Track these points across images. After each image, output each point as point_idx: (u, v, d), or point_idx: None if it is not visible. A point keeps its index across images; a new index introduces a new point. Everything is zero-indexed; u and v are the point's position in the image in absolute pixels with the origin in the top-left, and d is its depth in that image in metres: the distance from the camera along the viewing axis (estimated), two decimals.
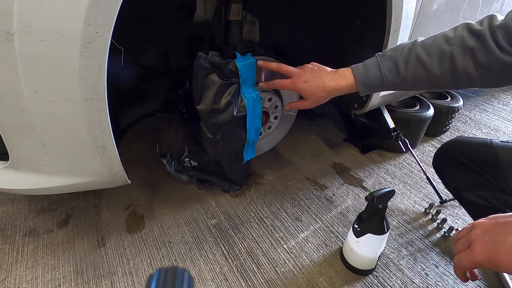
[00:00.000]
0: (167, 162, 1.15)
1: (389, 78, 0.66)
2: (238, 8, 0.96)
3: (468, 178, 0.75)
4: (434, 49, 0.62)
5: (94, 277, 0.84)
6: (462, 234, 0.47)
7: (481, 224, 0.44)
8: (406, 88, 0.69)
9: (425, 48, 0.63)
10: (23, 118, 0.59)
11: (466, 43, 0.58)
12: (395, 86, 0.67)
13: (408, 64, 0.64)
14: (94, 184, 0.76)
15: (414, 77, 0.64)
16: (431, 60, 0.61)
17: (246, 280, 0.85)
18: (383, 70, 0.66)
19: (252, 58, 0.89)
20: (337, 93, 0.73)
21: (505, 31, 0.55)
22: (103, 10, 0.52)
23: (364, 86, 0.70)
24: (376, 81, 0.68)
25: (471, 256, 0.43)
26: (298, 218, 1.05)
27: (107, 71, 0.58)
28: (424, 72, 0.63)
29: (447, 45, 0.60)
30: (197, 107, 0.85)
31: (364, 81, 0.69)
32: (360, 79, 0.69)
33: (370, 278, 0.87)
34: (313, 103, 0.76)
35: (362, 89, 0.70)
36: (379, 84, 0.68)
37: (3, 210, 1.03)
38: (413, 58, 0.63)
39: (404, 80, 0.65)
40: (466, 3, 1.12)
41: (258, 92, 0.94)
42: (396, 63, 0.65)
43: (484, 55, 0.56)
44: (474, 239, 0.43)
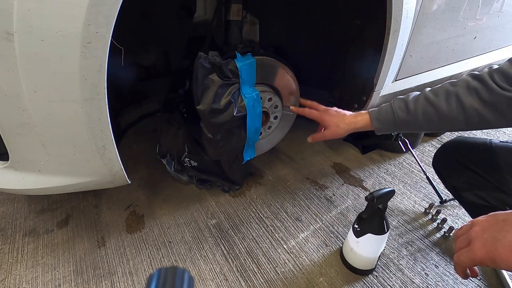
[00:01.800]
0: (167, 162, 1.15)
1: (400, 115, 0.72)
2: (238, 8, 0.96)
3: (467, 178, 0.75)
4: (440, 90, 0.69)
5: (94, 277, 0.84)
6: (462, 231, 0.47)
7: (481, 222, 0.45)
8: (418, 126, 0.73)
9: (432, 90, 0.70)
10: (23, 118, 0.59)
11: (470, 84, 0.65)
12: (407, 123, 0.73)
13: (417, 103, 0.71)
14: (94, 184, 0.76)
15: (423, 114, 0.69)
16: (438, 99, 0.68)
17: (246, 280, 0.85)
18: (394, 108, 0.74)
19: (252, 58, 0.89)
20: (354, 126, 0.81)
21: (501, 73, 0.62)
22: (103, 10, 0.52)
23: (377, 121, 0.77)
24: (388, 117, 0.75)
25: (470, 253, 0.43)
26: (298, 218, 1.05)
27: (107, 71, 0.58)
28: (432, 110, 0.68)
29: (452, 87, 0.67)
30: (197, 107, 0.85)
31: (377, 117, 0.77)
32: (374, 116, 0.78)
33: (370, 278, 0.87)
34: (332, 132, 0.84)
35: (375, 125, 0.77)
36: (392, 121, 0.74)
37: (3, 210, 1.03)
38: (421, 98, 0.70)
39: (414, 117, 0.71)
40: (466, 3, 1.12)
41: (258, 92, 0.94)
42: (406, 103, 0.72)
43: (487, 93, 0.62)
44: (474, 237, 0.44)
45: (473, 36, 1.29)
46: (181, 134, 1.09)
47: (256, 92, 0.93)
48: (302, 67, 1.18)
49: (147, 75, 1.25)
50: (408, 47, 1.03)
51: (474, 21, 1.23)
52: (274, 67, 1.01)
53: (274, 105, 1.06)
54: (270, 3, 1.19)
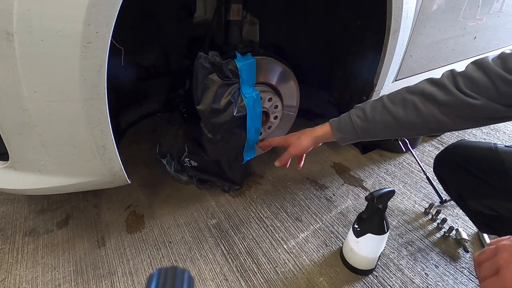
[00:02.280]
0: (167, 162, 1.15)
1: (359, 123, 0.70)
2: (238, 8, 0.96)
3: (473, 185, 0.72)
4: (397, 97, 0.65)
5: (94, 277, 0.84)
6: (486, 256, 0.43)
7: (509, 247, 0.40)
8: (380, 134, 0.70)
9: (389, 98, 0.67)
10: (23, 118, 0.59)
11: (425, 90, 0.61)
12: (368, 132, 0.70)
13: (375, 110, 0.68)
14: (94, 184, 0.76)
15: (382, 122, 0.67)
16: (395, 107, 0.65)
17: (246, 280, 0.85)
18: (352, 116, 0.71)
19: (252, 58, 0.89)
20: (315, 139, 0.79)
21: (465, 78, 0.57)
22: (103, 10, 0.52)
23: (338, 131, 0.74)
24: (347, 126, 0.72)
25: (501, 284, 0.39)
26: (298, 218, 1.05)
27: (107, 71, 0.58)
28: (391, 118, 0.65)
29: (408, 94, 0.64)
30: (197, 107, 0.85)
31: (337, 127, 0.74)
32: (334, 126, 0.75)
33: (370, 278, 0.87)
34: (295, 147, 0.82)
35: (337, 135, 0.75)
36: (352, 130, 0.72)
37: (3, 210, 1.03)
38: (379, 106, 0.67)
39: (373, 125, 0.68)
40: (466, 3, 1.12)
41: (258, 92, 0.94)
42: (364, 110, 0.69)
43: (445, 96, 0.58)
44: (503, 264, 0.39)
45: (473, 36, 1.29)
46: (181, 134, 1.09)
47: (256, 92, 0.93)
48: (302, 67, 1.18)
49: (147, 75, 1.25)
50: (408, 47, 1.03)
51: (474, 21, 1.23)
52: (274, 67, 1.01)
53: (274, 105, 1.06)
54: (270, 3, 1.19)
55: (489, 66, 0.55)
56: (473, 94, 0.56)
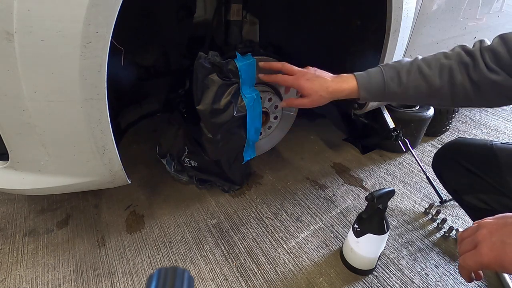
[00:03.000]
0: (167, 162, 1.15)
1: (391, 86, 0.67)
2: (238, 8, 0.96)
3: (468, 180, 0.74)
4: (434, 62, 0.65)
5: (94, 277, 0.84)
6: (467, 233, 0.46)
7: (488, 224, 0.43)
8: (405, 99, 0.70)
9: (426, 61, 0.66)
10: (23, 118, 0.59)
11: (462, 59, 0.62)
12: (395, 95, 0.68)
13: (410, 74, 0.66)
14: (94, 184, 0.76)
15: (415, 87, 0.66)
16: (432, 72, 0.64)
17: (246, 280, 0.85)
18: (386, 78, 0.67)
19: (252, 58, 0.89)
20: (338, 95, 0.72)
21: (491, 52, 0.60)
22: (103, 10, 0.52)
23: (366, 91, 0.70)
24: (378, 87, 0.68)
25: (477, 257, 0.42)
26: (298, 218, 1.05)
27: (107, 71, 0.58)
28: (424, 83, 0.65)
29: (446, 59, 0.64)
30: (197, 107, 0.85)
31: (366, 87, 0.69)
32: (362, 84, 0.69)
33: (370, 278, 0.87)
34: (313, 101, 0.73)
35: (363, 95, 0.70)
36: (381, 92, 0.68)
37: (3, 210, 1.03)
38: (414, 69, 0.65)
39: (405, 89, 0.66)
40: (466, 3, 1.12)
41: (258, 92, 0.94)
42: (399, 73, 0.66)
43: (475, 72, 0.60)
44: (481, 240, 0.42)
45: (473, 36, 1.29)
46: (181, 134, 1.09)
47: (256, 92, 0.93)
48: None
49: (147, 75, 1.24)
50: (408, 47, 1.03)
51: (474, 21, 1.23)
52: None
53: (274, 105, 1.06)
54: (270, 3, 1.19)
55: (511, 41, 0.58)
56: (496, 69, 0.58)
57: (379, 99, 0.70)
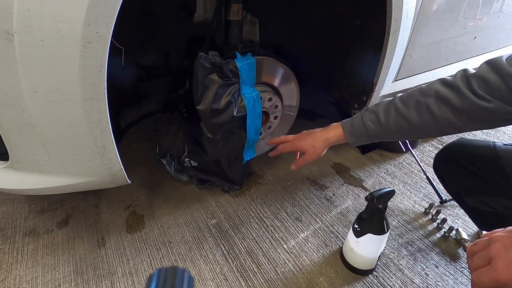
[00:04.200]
0: (167, 162, 1.15)
1: (372, 128, 0.70)
2: (238, 8, 0.96)
3: (470, 182, 0.73)
4: (410, 100, 0.65)
5: (94, 277, 0.84)
6: (478, 247, 0.43)
7: (502, 238, 0.41)
8: (394, 137, 0.71)
9: (402, 100, 0.67)
10: (23, 118, 0.59)
11: (439, 93, 0.61)
12: (380, 135, 0.71)
13: (388, 115, 0.68)
14: (94, 184, 0.76)
15: (395, 125, 0.67)
16: (409, 111, 0.65)
17: (246, 280, 0.85)
18: (365, 120, 0.71)
19: (252, 58, 0.89)
20: (329, 142, 0.79)
21: (479, 80, 0.57)
22: (103, 10, 0.52)
23: (351, 135, 0.74)
24: (361, 131, 0.72)
25: (493, 273, 0.39)
26: (298, 218, 1.05)
27: (107, 71, 0.58)
28: (404, 121, 0.66)
29: (422, 96, 0.64)
30: (197, 107, 0.85)
31: (351, 131, 0.74)
32: (347, 130, 0.75)
33: (370, 278, 0.87)
34: (311, 154, 0.80)
35: (350, 139, 0.75)
36: (365, 134, 0.72)
37: (3, 210, 1.03)
38: (392, 109, 0.68)
39: (386, 129, 0.68)
40: (466, 3, 1.12)
41: (258, 92, 0.94)
42: (377, 114, 0.70)
43: (460, 101, 0.58)
44: (495, 255, 0.40)
45: (473, 36, 1.29)
46: (181, 134, 1.09)
47: (256, 92, 0.93)
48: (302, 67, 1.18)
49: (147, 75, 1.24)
50: (408, 47, 1.03)
51: (474, 21, 1.23)
52: (274, 67, 1.01)
53: (274, 105, 1.06)
54: (270, 3, 1.19)
55: (503, 67, 0.54)
56: (486, 97, 0.55)
57: (368, 140, 0.73)
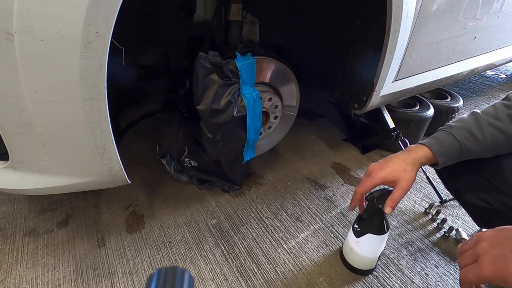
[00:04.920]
0: (167, 162, 1.15)
1: (468, 146, 0.66)
2: (238, 8, 0.96)
3: (470, 179, 0.74)
4: (500, 114, 0.64)
5: (94, 277, 0.84)
6: (468, 246, 0.45)
7: (488, 238, 0.43)
8: (488, 153, 0.68)
9: (489, 114, 0.66)
10: (23, 118, 0.59)
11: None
12: (474, 153, 0.67)
13: (483, 131, 0.65)
14: (94, 184, 0.76)
15: (493, 141, 0.65)
16: (503, 123, 0.64)
17: (246, 280, 0.85)
18: (459, 139, 0.66)
19: (252, 58, 0.89)
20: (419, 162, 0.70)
21: None
22: (103, 10, 0.52)
23: (443, 156, 0.68)
24: (454, 150, 0.67)
25: (478, 271, 0.41)
26: (298, 218, 1.05)
27: (107, 71, 0.58)
28: (502, 136, 0.64)
29: (507, 109, 0.64)
30: (197, 107, 0.85)
31: (442, 152, 0.68)
32: (437, 151, 0.68)
33: (370, 278, 0.87)
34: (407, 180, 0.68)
35: (442, 160, 0.68)
36: (458, 153, 0.67)
37: (3, 210, 1.03)
38: (484, 124, 0.65)
39: (484, 145, 0.66)
40: (466, 3, 1.12)
41: (258, 92, 0.94)
42: (470, 131, 0.66)
43: None
44: (481, 253, 0.42)
45: (473, 36, 1.29)
46: (181, 134, 1.09)
47: (256, 92, 0.93)
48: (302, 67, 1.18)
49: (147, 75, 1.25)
50: (408, 47, 1.03)
51: (474, 21, 1.23)
52: (274, 67, 1.01)
53: (274, 105, 1.06)
54: (270, 3, 1.19)
55: None
56: None
57: (459, 159, 0.69)
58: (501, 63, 1.67)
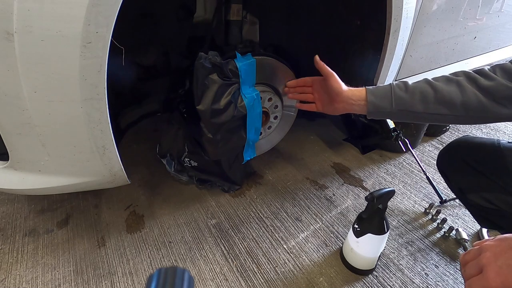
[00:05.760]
0: (167, 162, 1.15)
1: (397, 92, 0.69)
2: (238, 8, 0.96)
3: (474, 179, 0.73)
4: (440, 77, 0.68)
5: (94, 277, 0.84)
6: (470, 256, 0.44)
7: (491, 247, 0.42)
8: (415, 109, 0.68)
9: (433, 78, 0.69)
10: (23, 118, 0.59)
11: (469, 74, 0.65)
12: (403, 101, 0.69)
13: (416, 83, 0.69)
14: (94, 184, 0.76)
15: (421, 93, 0.67)
16: (438, 82, 0.66)
17: (246, 280, 0.85)
18: (393, 85, 0.70)
19: (252, 58, 0.89)
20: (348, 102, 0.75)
21: (502, 70, 0.62)
22: (103, 10, 0.52)
23: (372, 94, 0.72)
24: (385, 92, 0.70)
25: (484, 282, 0.40)
26: (298, 218, 1.05)
27: (107, 71, 0.58)
28: (431, 90, 0.66)
29: (452, 75, 0.67)
30: (197, 107, 0.85)
31: (373, 91, 0.72)
32: (369, 89, 0.73)
33: (370, 278, 0.87)
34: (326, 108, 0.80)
35: (370, 98, 0.72)
36: (387, 96, 0.70)
37: (3, 210, 1.03)
38: (422, 81, 0.69)
39: (411, 95, 0.68)
40: (466, 3, 1.12)
41: (258, 92, 0.94)
42: (405, 83, 0.70)
43: (486, 80, 0.62)
44: (486, 264, 0.41)
45: (473, 36, 1.29)
46: (181, 134, 1.09)
47: (256, 92, 0.93)
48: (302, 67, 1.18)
49: (147, 75, 1.24)
50: (408, 47, 1.03)
51: (474, 21, 1.23)
52: (274, 67, 1.01)
53: (274, 105, 1.06)
54: (270, 3, 1.19)
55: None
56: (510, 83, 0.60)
57: (388, 107, 0.70)
58: None
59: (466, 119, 0.66)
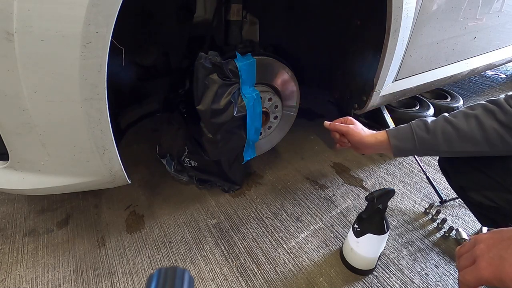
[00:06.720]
0: (167, 162, 1.15)
1: (419, 133, 0.71)
2: (238, 8, 0.96)
3: (475, 177, 0.74)
4: (458, 113, 0.69)
5: (94, 277, 0.84)
6: (465, 249, 0.46)
7: (485, 239, 0.43)
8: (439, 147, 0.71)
9: (450, 114, 0.71)
10: (23, 118, 0.59)
11: (487, 106, 0.66)
12: (426, 142, 0.71)
13: (436, 123, 0.70)
14: (94, 184, 0.76)
15: (443, 133, 0.69)
16: (457, 119, 0.68)
17: (246, 280, 0.85)
18: (413, 126, 0.73)
19: (252, 58, 0.89)
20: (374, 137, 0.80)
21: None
22: (103, 10, 0.52)
23: (395, 138, 0.75)
24: (407, 135, 0.73)
25: (476, 272, 0.42)
26: (298, 218, 1.05)
27: (107, 71, 0.58)
28: (451, 129, 0.68)
29: (470, 110, 0.68)
30: (197, 107, 0.85)
31: (395, 134, 0.75)
32: (391, 133, 0.76)
33: (370, 278, 0.87)
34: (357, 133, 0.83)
35: (393, 142, 0.75)
36: (410, 138, 0.73)
37: (3, 210, 1.03)
38: (440, 119, 0.71)
39: (433, 135, 0.70)
40: (466, 3, 1.12)
41: (258, 92, 0.94)
42: (425, 122, 0.72)
43: (504, 116, 0.63)
44: (479, 255, 0.42)
45: (473, 36, 1.29)
46: (181, 134, 1.09)
47: (256, 92, 0.93)
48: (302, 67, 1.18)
49: (147, 75, 1.24)
50: (408, 47, 1.03)
51: (474, 21, 1.23)
52: (274, 67, 1.01)
53: (274, 105, 1.06)
54: (270, 3, 1.19)
55: None
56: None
57: (412, 148, 0.73)
58: (501, 63, 1.67)
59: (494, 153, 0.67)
